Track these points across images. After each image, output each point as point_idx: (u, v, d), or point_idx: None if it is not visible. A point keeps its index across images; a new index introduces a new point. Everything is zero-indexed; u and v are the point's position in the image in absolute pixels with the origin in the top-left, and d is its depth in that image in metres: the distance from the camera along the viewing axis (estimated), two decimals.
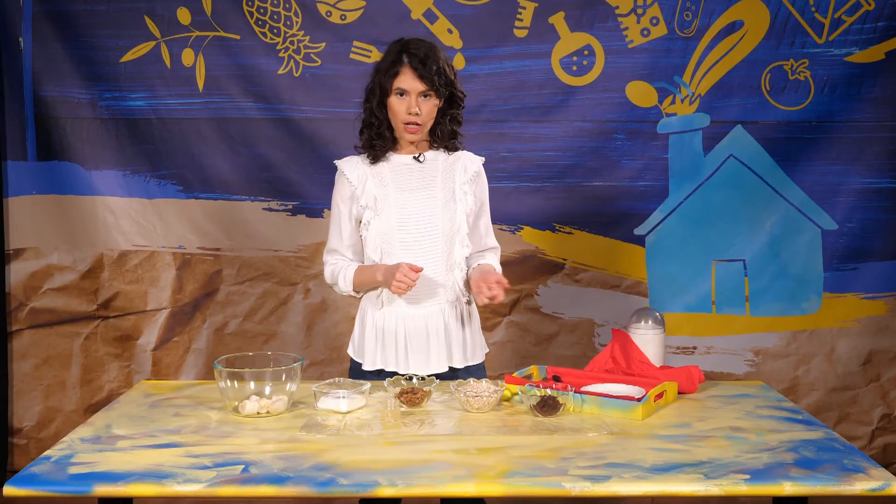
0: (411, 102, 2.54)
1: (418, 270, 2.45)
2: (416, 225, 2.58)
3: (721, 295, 3.96)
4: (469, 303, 2.68)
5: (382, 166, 2.63)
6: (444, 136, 2.63)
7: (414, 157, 2.63)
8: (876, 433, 3.99)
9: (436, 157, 2.65)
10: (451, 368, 2.63)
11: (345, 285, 2.62)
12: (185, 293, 3.98)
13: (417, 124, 2.56)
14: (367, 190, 2.60)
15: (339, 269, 2.63)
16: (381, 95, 2.57)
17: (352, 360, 2.70)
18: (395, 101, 2.55)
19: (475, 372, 2.66)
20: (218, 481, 1.85)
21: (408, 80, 2.53)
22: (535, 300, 3.97)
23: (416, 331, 2.60)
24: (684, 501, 3.64)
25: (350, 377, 2.69)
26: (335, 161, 2.69)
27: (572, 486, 1.83)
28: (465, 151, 2.69)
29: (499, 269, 2.67)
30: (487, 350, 2.75)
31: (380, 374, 2.61)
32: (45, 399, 3.97)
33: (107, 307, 3.97)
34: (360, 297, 2.69)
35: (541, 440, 2.09)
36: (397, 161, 2.63)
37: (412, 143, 2.63)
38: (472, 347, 2.66)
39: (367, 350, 2.63)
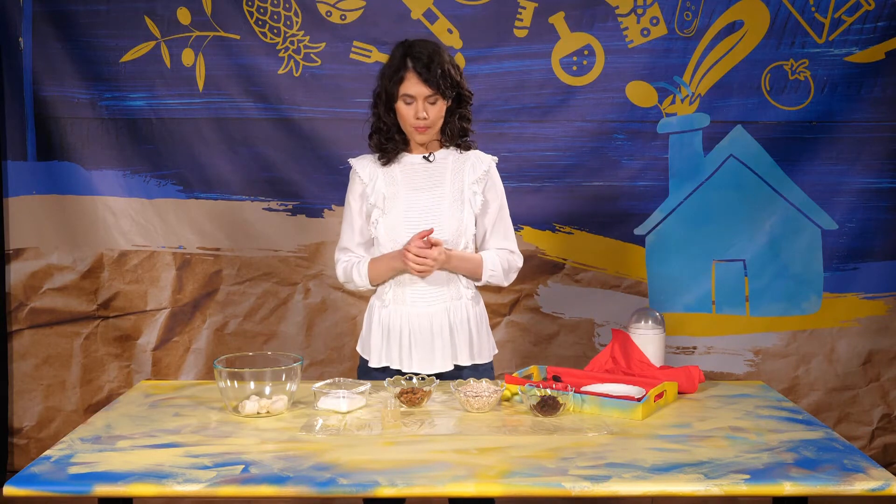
0: (418, 108, 2.54)
1: (426, 235, 2.48)
2: (422, 224, 2.58)
3: (721, 295, 3.96)
4: (475, 302, 2.68)
5: (393, 165, 2.65)
6: (454, 133, 2.64)
7: (424, 157, 2.65)
8: (876, 433, 3.99)
9: (446, 157, 2.66)
10: (456, 367, 2.63)
11: (360, 280, 2.64)
12: (185, 293, 3.98)
13: (427, 127, 2.57)
14: (377, 188, 2.62)
15: (351, 265, 2.65)
16: (388, 100, 2.58)
17: (360, 356, 2.72)
18: (402, 107, 2.56)
19: (482, 371, 2.66)
20: (218, 481, 1.85)
21: (413, 85, 2.52)
22: (535, 300, 3.97)
23: (420, 329, 2.61)
24: (684, 501, 3.64)
25: (357, 373, 2.72)
26: (349, 160, 2.71)
27: (572, 486, 1.83)
28: (476, 151, 2.70)
29: (491, 265, 2.63)
30: (496, 351, 2.75)
31: (385, 371, 2.62)
32: (45, 399, 3.97)
33: (107, 307, 3.97)
34: (374, 292, 2.70)
35: (541, 440, 2.09)
36: (408, 160, 2.65)
37: (422, 143, 2.64)
38: (478, 346, 2.66)
39: (374, 347, 2.65)
